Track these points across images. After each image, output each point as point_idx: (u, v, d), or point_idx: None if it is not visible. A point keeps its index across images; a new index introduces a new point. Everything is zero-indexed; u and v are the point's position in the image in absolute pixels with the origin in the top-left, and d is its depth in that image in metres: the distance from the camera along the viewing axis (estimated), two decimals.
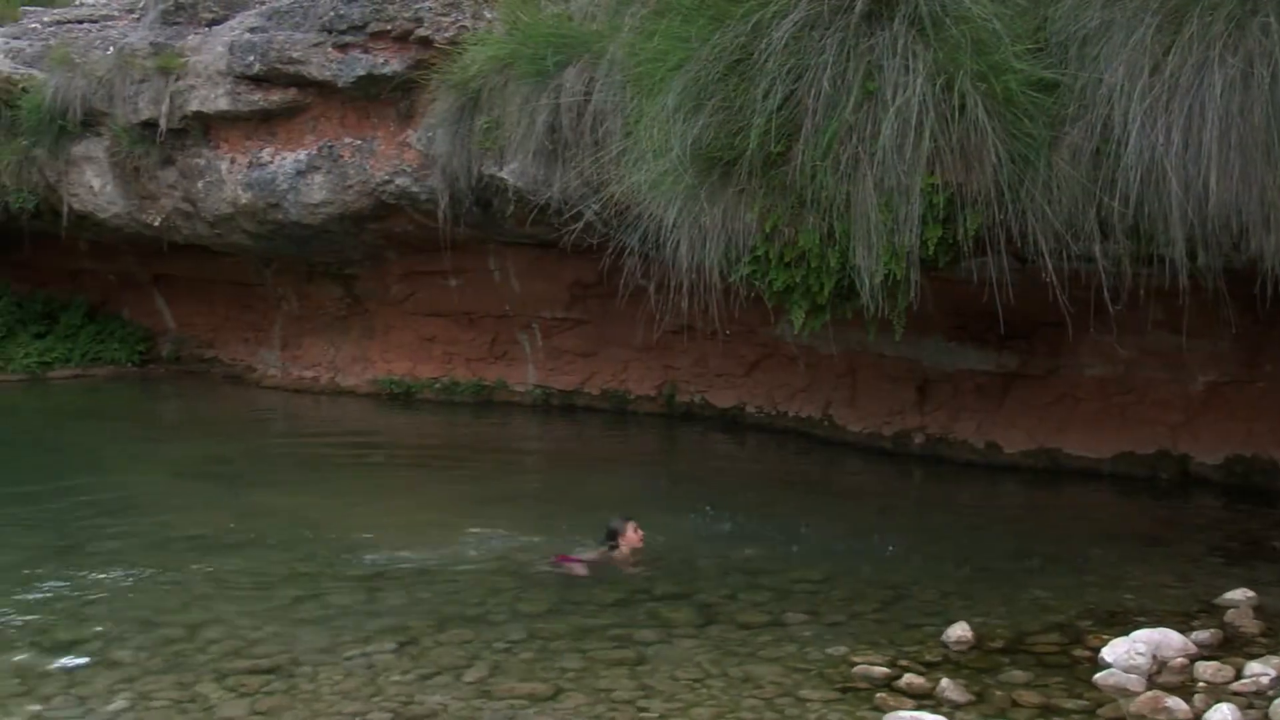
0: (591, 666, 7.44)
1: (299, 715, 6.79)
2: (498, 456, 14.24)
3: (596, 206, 11.30)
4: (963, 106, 8.25)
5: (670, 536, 10.26)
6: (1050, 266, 8.55)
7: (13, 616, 8.55)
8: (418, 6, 14.23)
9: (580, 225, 11.64)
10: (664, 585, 9.11)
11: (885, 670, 7.19)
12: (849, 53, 8.47)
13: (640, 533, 9.83)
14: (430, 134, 14.21)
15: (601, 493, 10.22)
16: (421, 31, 14.22)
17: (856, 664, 7.32)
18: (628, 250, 10.51)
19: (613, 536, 9.79)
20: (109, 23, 18.98)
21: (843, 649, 7.62)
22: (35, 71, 18.12)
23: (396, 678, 7.28)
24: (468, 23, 13.93)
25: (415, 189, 14.70)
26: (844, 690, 7.01)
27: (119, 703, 7.00)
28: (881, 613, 8.49)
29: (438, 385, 17.17)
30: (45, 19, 19.95)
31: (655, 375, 16.01)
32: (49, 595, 9.05)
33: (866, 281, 8.62)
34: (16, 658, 7.71)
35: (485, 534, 10.60)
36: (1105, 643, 7.35)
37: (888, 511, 11.76)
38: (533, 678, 7.26)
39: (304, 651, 7.72)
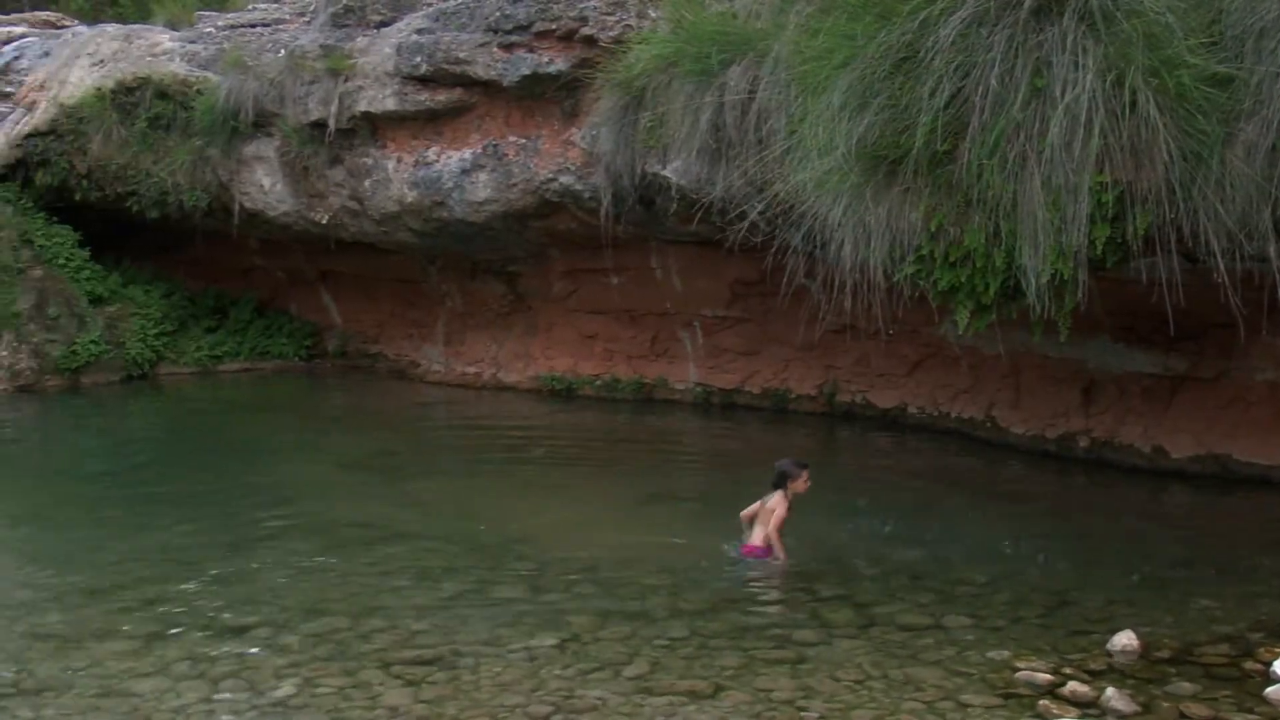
0: (751, 665, 7.43)
1: (461, 706, 6.88)
2: (658, 454, 14.27)
3: (760, 205, 11.26)
4: (1133, 103, 8.07)
5: (830, 537, 10.23)
6: (1222, 267, 8.33)
7: (184, 602, 8.79)
8: (582, 6, 14.32)
9: (744, 224, 11.60)
10: (824, 586, 9.07)
11: (1049, 677, 7.09)
12: (1017, 49, 8.34)
13: (809, 483, 9.76)
14: (594, 132, 14.29)
15: (761, 492, 10.14)
16: (586, 31, 14.31)
17: (1019, 670, 7.22)
18: (791, 249, 10.48)
19: (782, 480, 9.69)
20: (280, 26, 19.40)
21: (1005, 654, 7.53)
22: (209, 74, 18.59)
23: (557, 671, 7.35)
24: (632, 22, 13.98)
25: (579, 187, 14.80)
26: (1006, 696, 6.93)
27: (286, 688, 7.17)
28: (1045, 618, 8.36)
29: (599, 382, 17.26)
30: (219, 23, 20.45)
31: (816, 374, 15.92)
32: (219, 582, 9.30)
33: (1032, 281, 8.48)
34: (188, 642, 7.93)
35: (645, 530, 10.64)
36: (1278, 656, 7.16)
37: (1051, 516, 11.57)
38: (692, 675, 7.27)
39: (466, 643, 7.82)
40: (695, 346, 16.74)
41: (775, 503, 9.66)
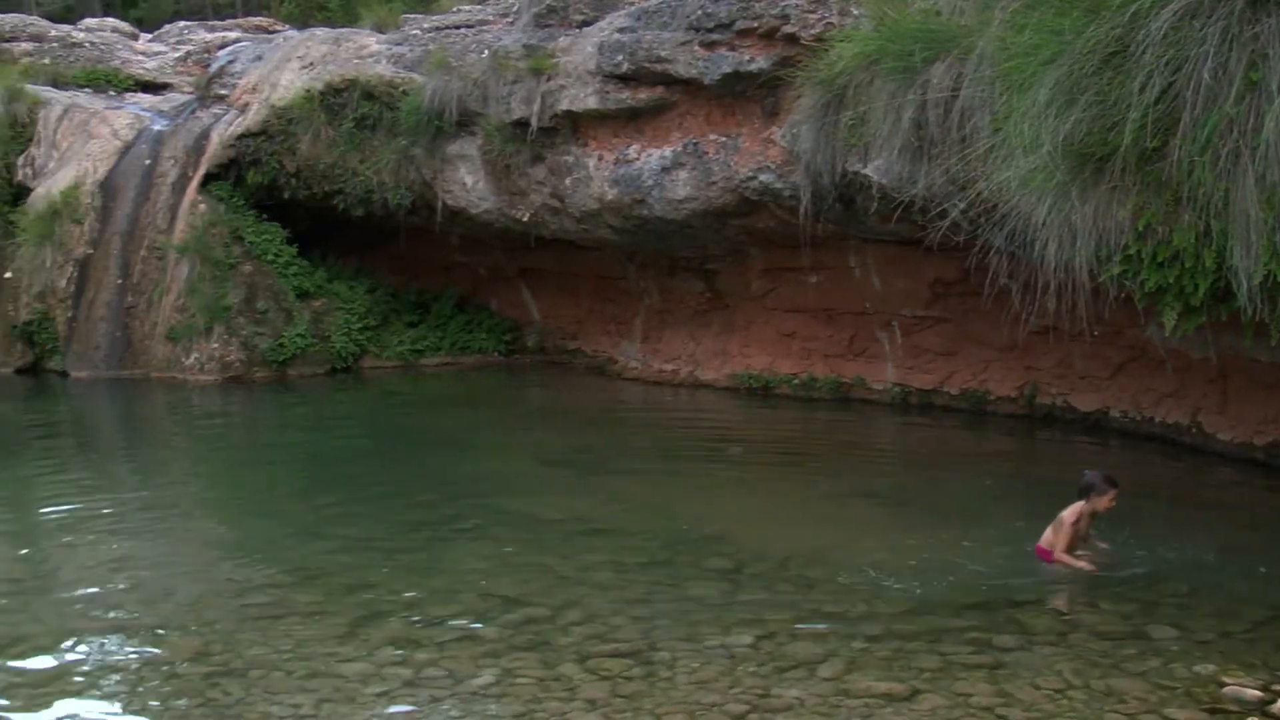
0: (949, 669, 7.34)
1: (657, 701, 6.92)
2: (854, 453, 14.15)
3: (962, 203, 11.12)
4: None
5: (1029, 542, 10.03)
6: None
7: (387, 589, 8.99)
8: (784, 4, 14.27)
9: (945, 223, 11.48)
10: (1023, 591, 8.92)
11: (1258, 693, 6.85)
12: (1231, 42, 8.12)
13: (1114, 503, 9.48)
14: (794, 131, 14.25)
15: (958, 494, 10.04)
16: (788, 29, 14.27)
17: (1226, 685, 7.00)
18: (993, 248, 10.33)
19: (1085, 491, 9.41)
20: (484, 27, 19.71)
21: (1211, 668, 7.30)
22: (415, 75, 18.99)
23: (753, 669, 7.34)
24: (834, 19, 13.90)
25: (778, 185, 14.77)
26: (1212, 711, 6.72)
27: (486, 677, 7.29)
28: (1253, 633, 8.08)
29: (796, 381, 17.18)
30: (424, 25, 20.86)
31: (1016, 376, 15.64)
32: (421, 571, 9.49)
33: (1244, 283, 8.25)
34: (391, 628, 8.11)
35: (841, 530, 10.58)
36: None
37: (1260, 527, 11.16)
38: (889, 677, 7.21)
39: (663, 639, 7.85)
40: (893, 346, 16.57)
41: (1070, 512, 9.35)
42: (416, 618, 8.35)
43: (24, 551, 10.68)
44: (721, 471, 13.44)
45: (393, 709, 6.93)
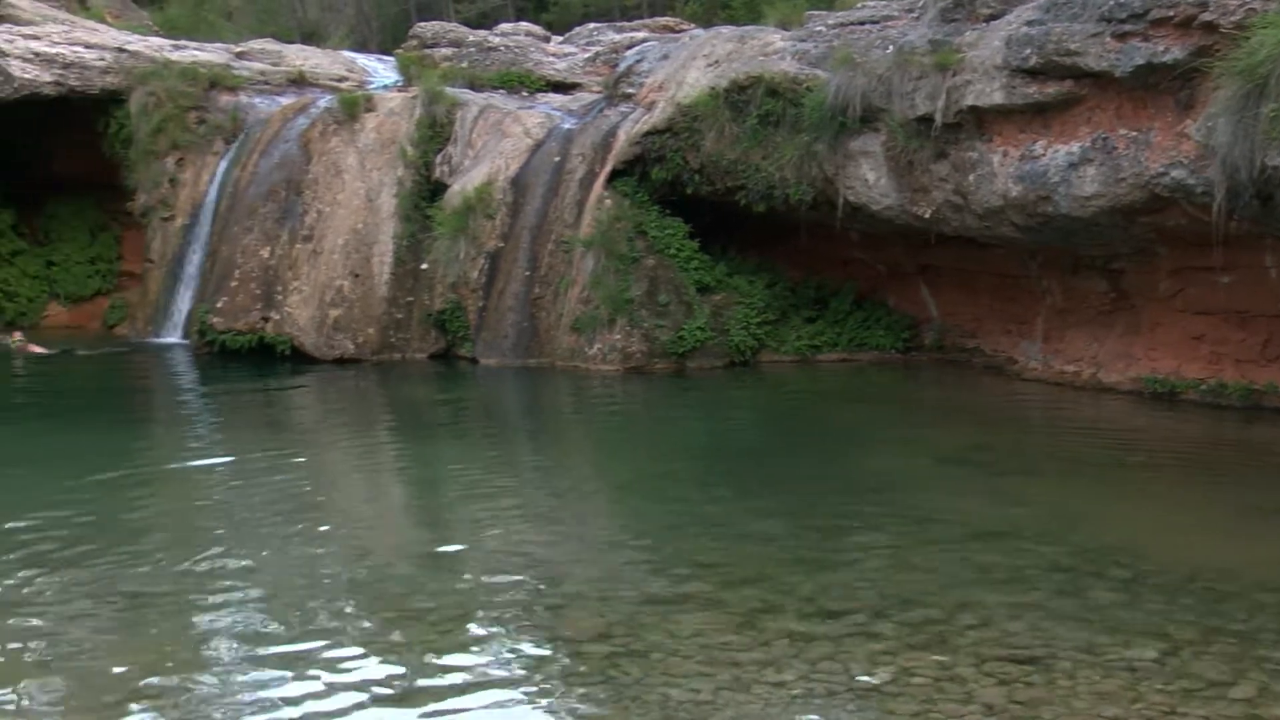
0: None
1: (1057, 711, 6.77)
2: (1266, 464, 13.48)
3: None
4: None
5: None
6: None
7: (782, 581, 9.05)
8: None
9: None
10: None
11: None
12: None
13: None
14: (1210, 124, 13.65)
15: None
16: (1206, 16, 13.69)
17: None
18: None
19: None
20: (889, 22, 19.64)
21: None
22: (818, 72, 19.07)
23: (1158, 686, 7.09)
24: (1257, 5, 13.26)
25: (1191, 181, 14.19)
26: None
27: (881, 674, 7.28)
28: None
29: (1203, 387, 16.46)
30: (828, 22, 20.93)
31: None
32: (814, 565, 9.51)
33: None
34: (786, 620, 8.18)
35: (1251, 544, 10.10)
36: None
37: None
38: None
39: (1062, 647, 7.67)
40: None
41: None
42: (811, 611, 8.39)
43: (431, 528, 11.32)
44: (1123, 478, 13.00)
45: (789, 700, 6.99)
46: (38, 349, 22.65)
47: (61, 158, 27.82)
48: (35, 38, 25.99)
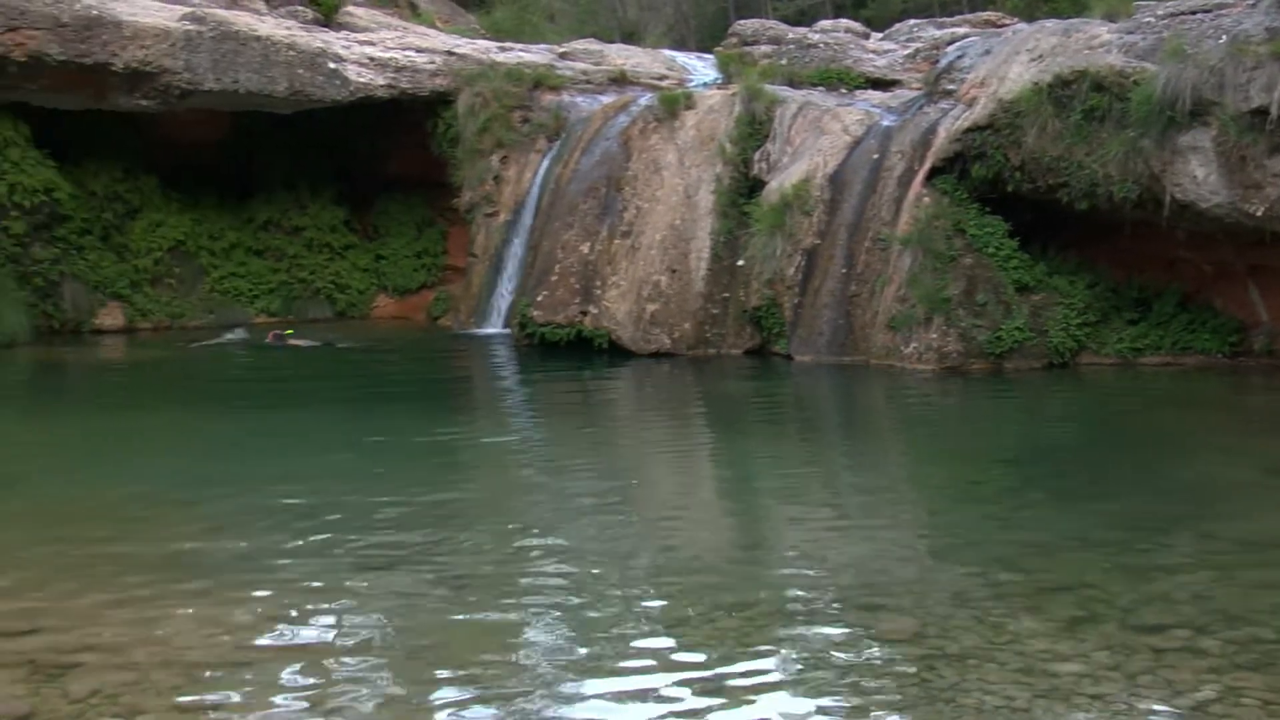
0: None
1: None
2: None
3: None
4: None
5: None
6: None
7: (1101, 591, 8.84)
8: None
9: None
10: None
11: None
12: None
13: None
14: None
15: None
16: None
17: None
18: None
19: None
20: (1222, 11, 18.93)
21: None
22: (1146, 64, 18.51)
23: None
24: None
25: None
26: None
27: (1206, 692, 7.05)
28: None
29: None
30: (1158, 12, 20.29)
31: None
32: (1133, 575, 9.23)
33: None
34: (1105, 632, 7.99)
35: None
36: None
37: None
38: None
39: None
40: None
41: None
42: (1133, 623, 8.19)
43: (741, 523, 11.48)
44: None
45: (1110, 714, 6.84)
46: (301, 342, 23.69)
47: (393, 158, 29.15)
48: (370, 44, 27.22)
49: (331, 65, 25.60)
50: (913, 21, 30.33)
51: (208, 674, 7.34)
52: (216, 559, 9.73)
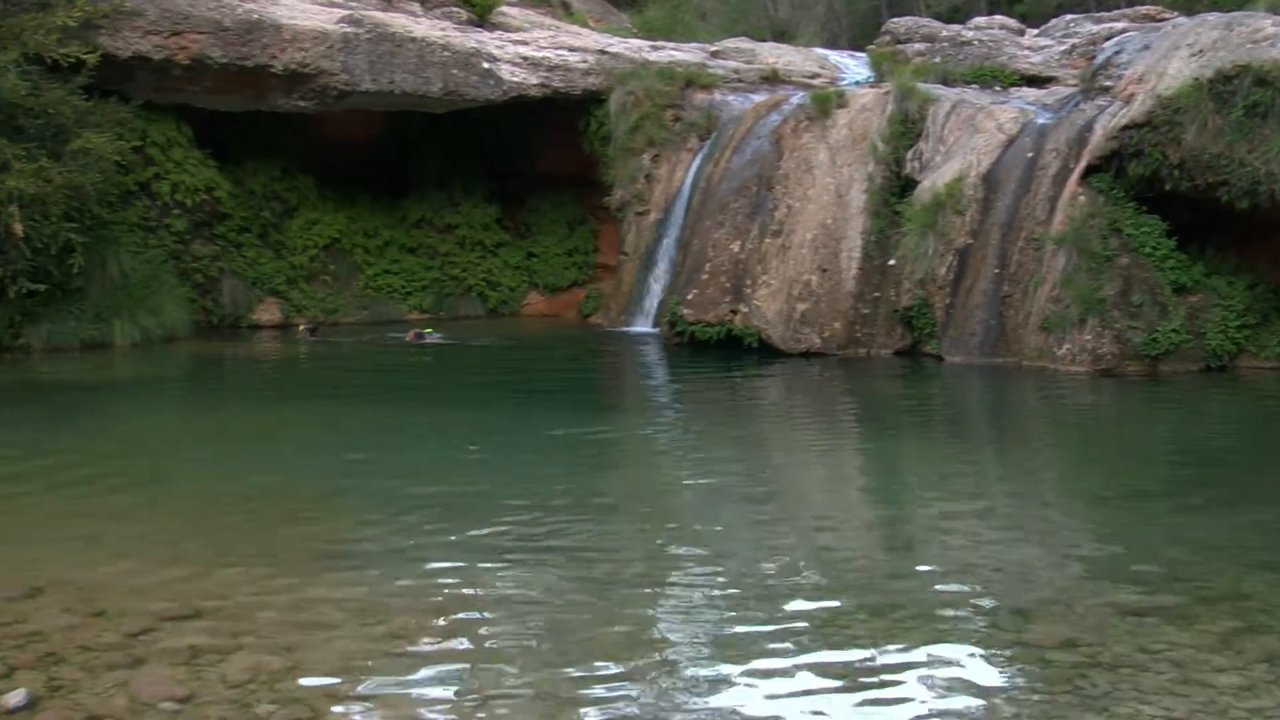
0: None
1: None
2: None
3: None
4: None
5: None
6: None
7: (1265, 603, 8.63)
8: None
9: None
10: None
11: None
12: None
13: None
14: None
15: None
16: None
17: None
18: None
19: None
20: None
21: None
22: None
23: None
24: None
25: None
26: None
27: None
28: None
29: None
30: None
31: None
32: None
33: None
34: (1266, 643, 7.80)
35: None
36: None
37: None
38: None
39: None
40: None
41: None
42: None
43: (891, 524, 11.43)
44: None
45: None
46: (435, 339, 24.02)
47: (544, 156, 29.40)
48: (523, 43, 27.49)
49: (485, 65, 25.90)
50: (1069, 16, 29.84)
51: (360, 662, 7.48)
52: (368, 550, 9.91)
